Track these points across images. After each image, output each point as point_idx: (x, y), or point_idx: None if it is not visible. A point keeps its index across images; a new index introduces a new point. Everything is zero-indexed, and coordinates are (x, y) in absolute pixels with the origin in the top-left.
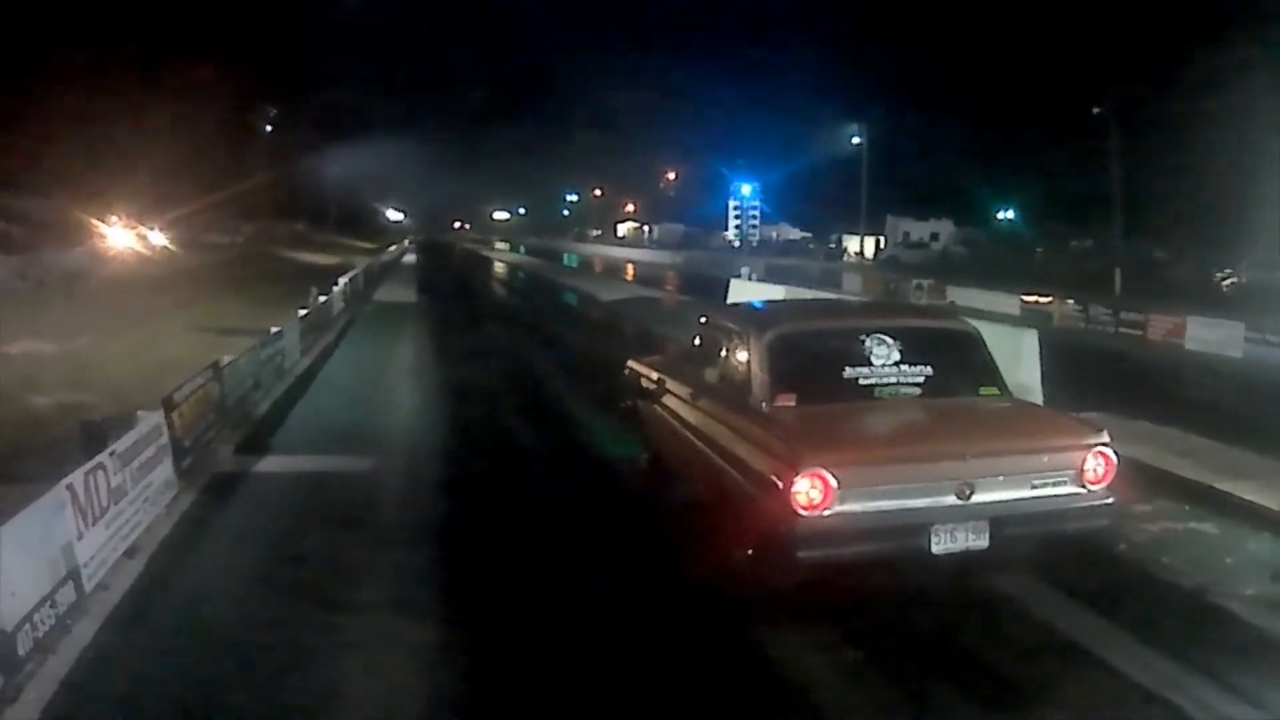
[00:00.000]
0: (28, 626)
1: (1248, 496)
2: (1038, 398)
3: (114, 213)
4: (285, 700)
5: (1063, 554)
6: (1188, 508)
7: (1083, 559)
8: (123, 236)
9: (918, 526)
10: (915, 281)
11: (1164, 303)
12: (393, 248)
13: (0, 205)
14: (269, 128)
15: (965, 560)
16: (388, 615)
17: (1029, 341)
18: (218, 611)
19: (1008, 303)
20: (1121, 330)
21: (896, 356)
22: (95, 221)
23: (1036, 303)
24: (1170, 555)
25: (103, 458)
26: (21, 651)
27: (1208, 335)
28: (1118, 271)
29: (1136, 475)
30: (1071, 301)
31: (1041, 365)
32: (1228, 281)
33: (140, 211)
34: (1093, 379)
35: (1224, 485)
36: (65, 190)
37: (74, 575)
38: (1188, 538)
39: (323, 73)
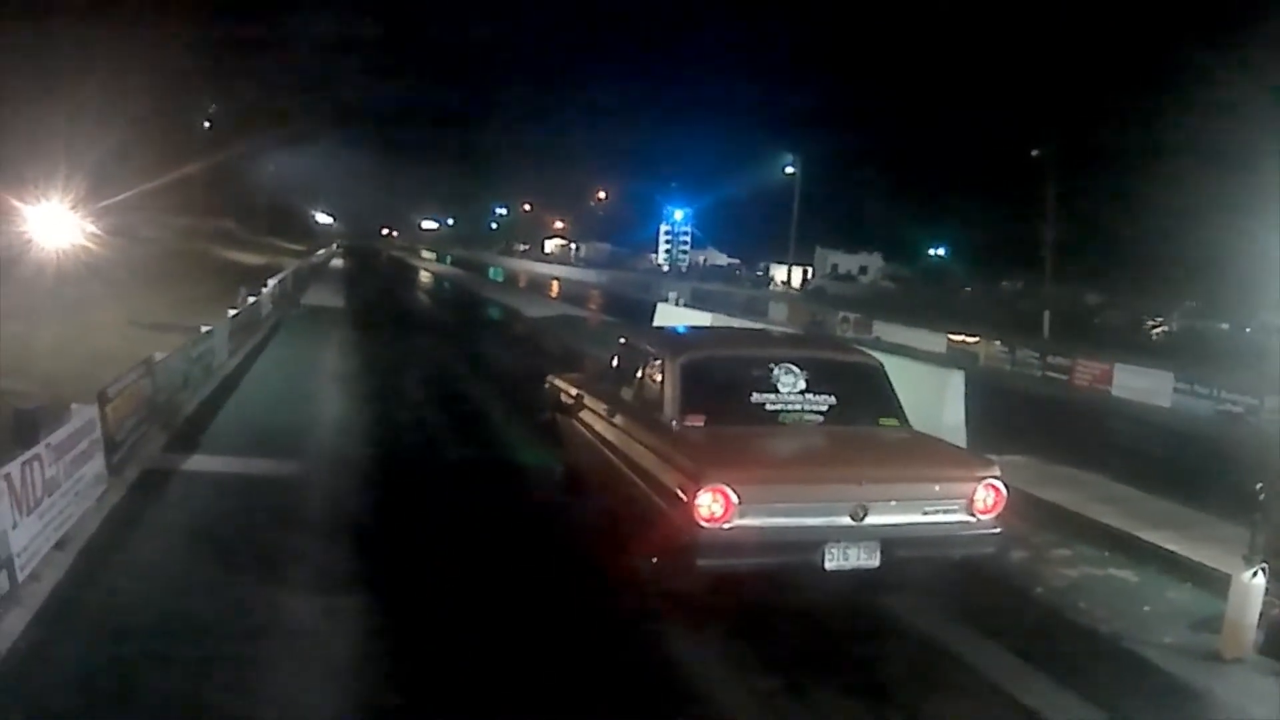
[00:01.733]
0: None
1: (1169, 546)
2: (961, 437)
3: (45, 198)
4: (208, 693)
5: (951, 577)
6: (1108, 554)
7: (1000, 601)
8: (56, 223)
9: (812, 543)
10: (841, 314)
11: (1092, 348)
12: (321, 251)
13: None
14: (206, 124)
15: (856, 578)
16: (311, 614)
17: (955, 382)
18: (146, 605)
19: (934, 340)
20: (1048, 374)
21: (802, 385)
22: (25, 206)
23: (963, 342)
24: (1088, 601)
25: (39, 449)
26: None
27: (1135, 383)
28: (1046, 314)
29: (1057, 520)
30: (998, 342)
31: (966, 405)
32: (1158, 330)
33: (73, 200)
34: (1017, 422)
35: (1145, 534)
36: None
37: (7, 565)
38: (1107, 584)
39: (261, 72)
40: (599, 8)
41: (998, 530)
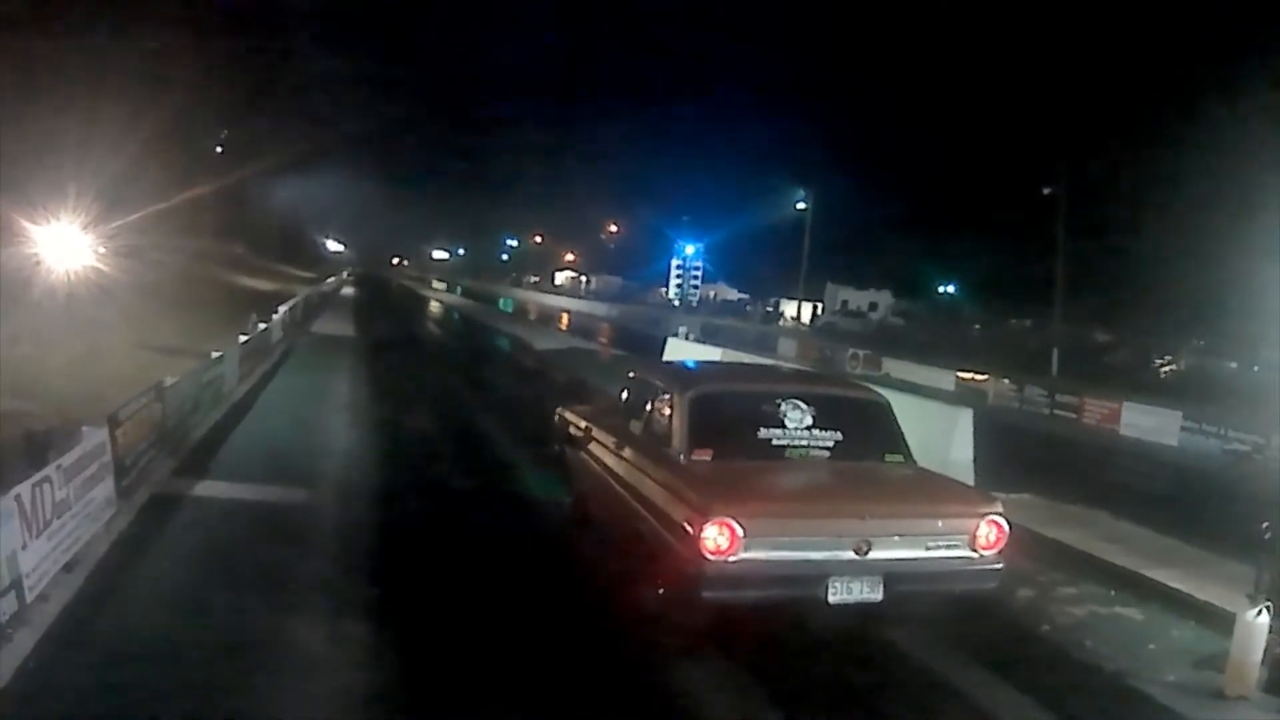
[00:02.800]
0: None
1: (1174, 584)
2: (970, 475)
3: (55, 219)
4: (213, 718)
5: (958, 615)
6: (1114, 592)
7: (1007, 638)
8: (66, 244)
9: (816, 577)
10: (851, 351)
11: (1101, 386)
12: (331, 279)
13: None
14: (219, 149)
15: (860, 611)
16: (319, 641)
17: (964, 420)
18: (154, 628)
19: (943, 378)
20: (1057, 412)
21: (809, 421)
22: (37, 227)
23: (972, 379)
24: (1094, 639)
25: (49, 471)
26: None
27: (1143, 421)
28: (1055, 352)
29: (1064, 558)
30: (1007, 380)
31: (975, 443)
32: (1166, 368)
33: (83, 221)
34: (1025, 460)
35: (1151, 572)
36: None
37: (16, 585)
38: (1112, 622)
39: (275, 99)
40: (612, 42)
41: (1000, 566)
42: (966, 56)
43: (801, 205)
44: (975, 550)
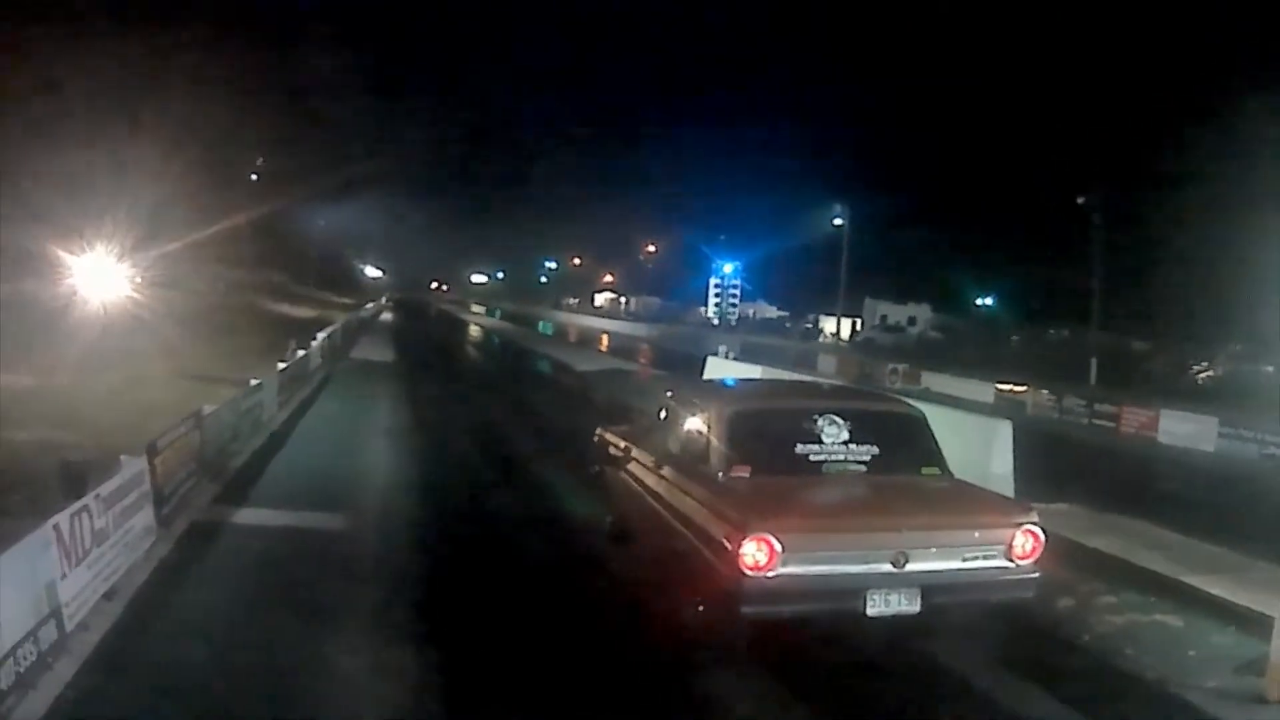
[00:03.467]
0: (10, 661)
1: (1214, 591)
2: (1010, 487)
3: (94, 249)
4: None
5: (998, 625)
6: (1154, 600)
7: (1047, 648)
8: (104, 274)
9: (854, 590)
10: (890, 366)
11: (1138, 394)
12: (370, 305)
13: None
14: (254, 176)
15: (898, 623)
16: (359, 667)
17: (1003, 432)
18: (193, 656)
19: (982, 390)
20: (1095, 422)
21: (846, 436)
22: (74, 256)
23: (1011, 391)
24: (1134, 647)
25: (88, 500)
26: (4, 684)
27: (1180, 429)
28: (1093, 362)
29: (1104, 567)
30: (1046, 391)
31: (1015, 455)
32: (1203, 375)
33: (120, 251)
34: (1064, 470)
35: (1191, 579)
36: (40, 222)
37: (56, 614)
38: (1153, 630)
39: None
40: (648, 65)
41: (1036, 575)
42: (1001, 69)
43: (838, 221)
44: (1012, 560)
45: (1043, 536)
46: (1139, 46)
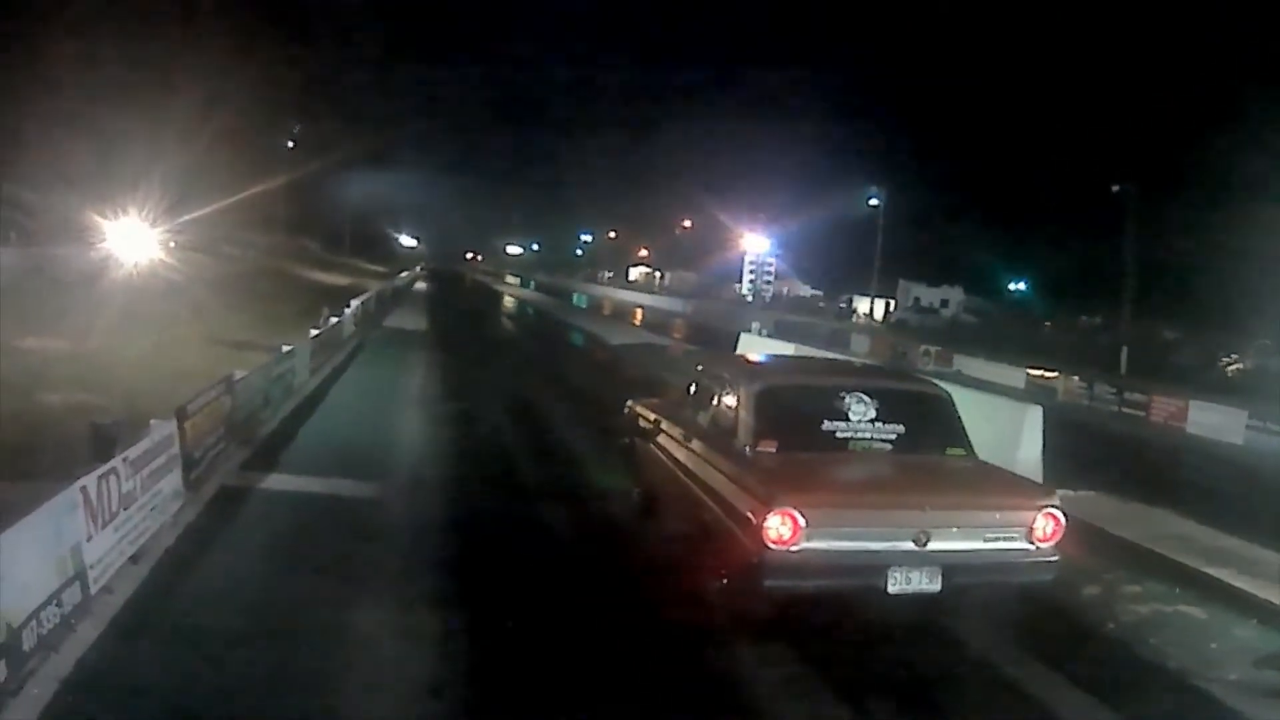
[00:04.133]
0: (34, 623)
1: (1237, 583)
2: (1038, 472)
3: (127, 214)
4: (277, 710)
5: (1020, 611)
6: (1178, 590)
7: (1071, 636)
8: (137, 239)
9: (876, 567)
10: (923, 348)
11: (1168, 384)
12: (404, 274)
13: (7, 194)
14: (290, 144)
15: (918, 602)
16: (385, 630)
17: (1033, 417)
18: (219, 622)
19: (1013, 375)
20: (1125, 410)
21: (873, 414)
22: (108, 222)
23: (1042, 376)
24: (1157, 637)
25: (116, 462)
26: (26, 647)
27: (1209, 420)
28: (1125, 350)
29: (1129, 556)
30: (1077, 378)
31: (1044, 440)
32: (1233, 366)
33: (154, 215)
34: (1093, 457)
35: (1214, 570)
36: (74, 188)
37: (80, 576)
38: (1175, 620)
39: (347, 94)
40: (686, 41)
41: (1056, 558)
42: (1038, 55)
43: (874, 202)
44: (1032, 542)
45: (1063, 520)
46: (1183, 36)
